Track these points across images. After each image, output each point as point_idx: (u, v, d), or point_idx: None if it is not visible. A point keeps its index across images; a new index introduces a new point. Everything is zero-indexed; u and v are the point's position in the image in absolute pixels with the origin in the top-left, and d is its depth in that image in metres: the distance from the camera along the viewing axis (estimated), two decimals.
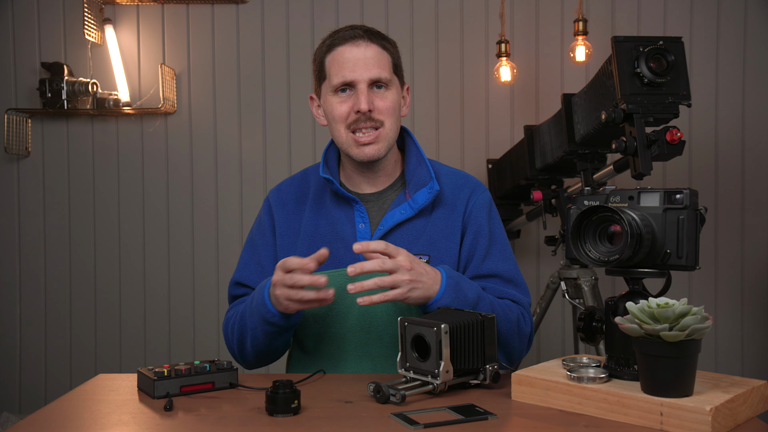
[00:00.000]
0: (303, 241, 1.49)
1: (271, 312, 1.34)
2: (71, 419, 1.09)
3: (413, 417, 1.04)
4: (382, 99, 1.44)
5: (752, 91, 2.80)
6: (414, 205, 1.46)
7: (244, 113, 2.93)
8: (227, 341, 1.52)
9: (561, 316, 2.83)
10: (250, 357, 1.47)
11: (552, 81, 2.85)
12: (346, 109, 1.44)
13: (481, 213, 1.50)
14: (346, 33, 1.45)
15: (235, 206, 2.93)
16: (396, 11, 2.88)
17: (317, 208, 1.51)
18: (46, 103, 2.82)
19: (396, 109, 1.47)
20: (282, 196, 1.56)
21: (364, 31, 1.45)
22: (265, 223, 1.54)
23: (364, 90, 1.42)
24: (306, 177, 1.58)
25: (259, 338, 1.40)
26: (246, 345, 1.44)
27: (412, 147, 1.54)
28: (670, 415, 0.97)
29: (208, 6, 2.92)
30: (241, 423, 1.05)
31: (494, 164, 2.74)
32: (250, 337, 1.42)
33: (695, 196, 1.10)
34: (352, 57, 1.42)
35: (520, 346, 1.43)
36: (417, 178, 1.49)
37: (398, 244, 1.43)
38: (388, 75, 1.45)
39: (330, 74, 1.46)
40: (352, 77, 1.42)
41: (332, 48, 1.46)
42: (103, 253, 2.94)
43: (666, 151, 1.59)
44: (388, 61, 1.46)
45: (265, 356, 1.46)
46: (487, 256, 1.47)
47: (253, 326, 1.39)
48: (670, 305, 0.98)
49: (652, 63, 1.57)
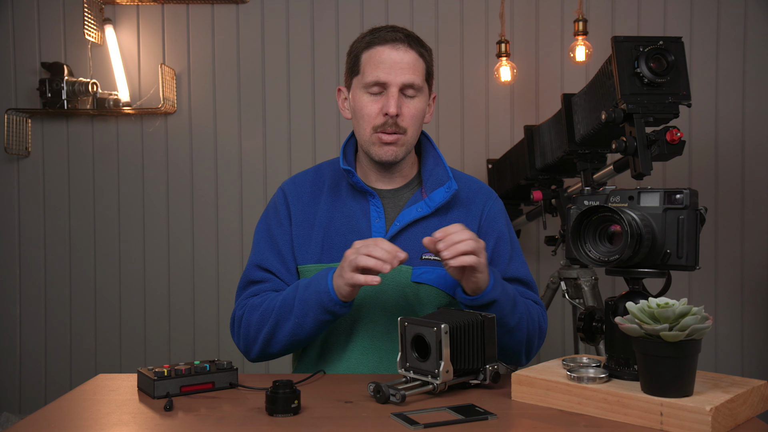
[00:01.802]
0: (318, 232, 1.49)
1: (334, 300, 1.33)
2: (71, 419, 1.09)
3: (413, 417, 1.04)
4: (409, 107, 1.45)
5: (752, 91, 2.80)
6: (431, 203, 1.48)
7: (244, 113, 2.93)
8: (244, 331, 1.46)
9: (561, 316, 2.83)
10: (277, 347, 1.43)
11: (552, 81, 2.85)
12: (376, 109, 1.45)
13: (500, 219, 1.54)
14: (387, 34, 1.46)
15: (235, 206, 2.93)
16: (396, 11, 2.88)
17: (333, 201, 1.52)
18: (46, 103, 2.82)
19: (420, 117, 1.48)
20: (297, 187, 1.56)
21: (405, 35, 1.46)
22: (282, 213, 1.54)
23: (395, 94, 1.43)
24: (320, 171, 1.59)
25: (307, 326, 1.38)
26: (280, 333, 1.41)
27: (429, 149, 1.56)
28: (670, 415, 0.97)
29: (208, 6, 2.92)
30: (241, 423, 1.05)
31: (494, 164, 2.74)
32: (292, 325, 1.38)
33: (695, 196, 1.10)
34: (389, 59, 1.43)
35: (539, 343, 1.48)
36: (434, 178, 1.51)
37: (413, 240, 1.46)
38: (420, 82, 1.46)
39: (364, 71, 1.46)
40: (386, 79, 1.43)
41: (371, 45, 1.46)
42: (103, 253, 2.94)
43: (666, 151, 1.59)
44: (422, 69, 1.47)
45: (295, 346, 1.44)
46: (510, 261, 1.51)
47: (303, 313, 1.37)
48: (670, 305, 0.98)
49: (652, 63, 1.57)
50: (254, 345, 1.46)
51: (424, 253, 1.46)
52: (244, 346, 1.49)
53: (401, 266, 1.45)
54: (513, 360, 1.47)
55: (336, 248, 1.48)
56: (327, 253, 1.48)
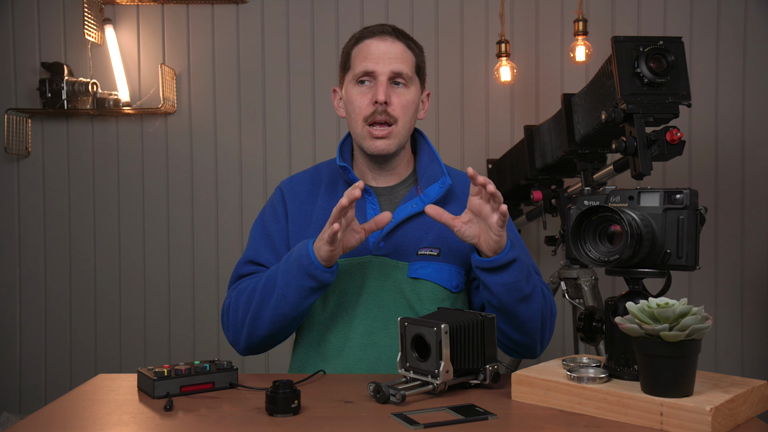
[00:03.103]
0: (314, 229, 1.50)
1: (314, 264, 1.32)
2: (71, 419, 1.09)
3: (413, 417, 1.04)
4: (399, 96, 1.47)
5: (752, 91, 2.80)
6: (425, 198, 1.48)
7: (244, 113, 2.93)
8: (232, 318, 1.46)
9: (561, 316, 2.83)
10: (263, 327, 1.41)
11: (552, 81, 2.85)
12: (366, 100, 1.46)
13: None
14: (375, 28, 1.49)
15: (235, 206, 2.93)
16: (396, 11, 2.88)
17: (330, 198, 1.53)
18: (46, 103, 2.82)
19: (411, 108, 1.49)
20: (295, 186, 1.58)
21: (393, 29, 1.49)
22: (279, 210, 1.55)
23: (384, 82, 1.45)
24: (318, 171, 1.61)
25: (291, 297, 1.36)
26: (265, 309, 1.39)
27: (424, 146, 1.57)
28: (670, 415, 0.97)
29: (208, 6, 2.92)
30: (241, 423, 1.05)
31: (494, 164, 2.74)
32: (274, 301, 1.37)
33: (695, 196, 1.10)
34: (377, 50, 1.46)
35: (551, 327, 1.46)
36: (429, 174, 1.51)
37: (408, 236, 1.47)
38: (409, 72, 1.47)
39: (353, 64, 1.49)
40: (374, 68, 1.45)
41: (360, 40, 1.50)
42: (103, 253, 2.94)
43: (666, 151, 1.59)
44: (411, 60, 1.49)
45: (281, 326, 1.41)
46: None
47: (285, 283, 1.36)
48: (670, 305, 0.98)
49: (652, 63, 1.57)
50: (242, 330, 1.44)
51: (420, 248, 1.46)
52: (233, 335, 1.47)
53: (397, 262, 1.46)
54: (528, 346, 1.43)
55: None
56: None
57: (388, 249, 1.46)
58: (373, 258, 1.46)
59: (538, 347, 1.44)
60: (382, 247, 1.46)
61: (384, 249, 1.46)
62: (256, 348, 1.48)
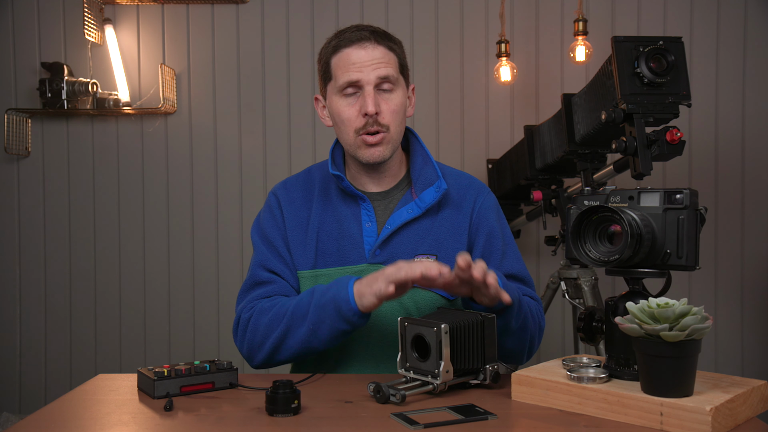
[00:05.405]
0: (311, 238, 1.48)
1: (353, 309, 1.28)
2: (71, 419, 1.09)
3: (413, 417, 1.04)
4: (387, 102, 1.43)
5: (752, 91, 2.80)
6: (421, 204, 1.46)
7: (244, 113, 2.93)
8: (249, 336, 1.41)
9: (561, 316, 2.83)
10: (286, 354, 1.38)
11: (552, 81, 2.85)
12: (355, 112, 1.43)
13: (491, 215, 1.51)
14: (352, 35, 1.43)
15: (235, 206, 2.93)
16: (396, 11, 2.88)
17: (324, 205, 1.51)
18: (46, 103, 2.82)
19: (401, 112, 1.46)
20: (289, 192, 1.55)
21: (370, 32, 1.44)
22: (277, 216, 1.52)
23: (371, 92, 1.41)
24: (310, 175, 1.58)
25: (322, 334, 1.33)
26: (291, 339, 1.36)
27: (417, 147, 1.54)
28: (670, 415, 0.97)
29: (208, 6, 2.92)
30: (241, 423, 1.05)
31: (494, 164, 2.74)
32: (306, 332, 1.34)
33: (695, 196, 1.10)
34: (359, 59, 1.41)
35: (539, 339, 1.48)
36: (424, 178, 1.49)
37: (405, 243, 1.45)
38: (395, 74, 1.44)
39: (336, 75, 1.45)
40: (358, 77, 1.41)
41: (338, 49, 1.44)
42: (103, 253, 2.94)
43: (666, 151, 1.59)
44: (395, 61, 1.45)
45: (305, 356, 1.39)
46: (503, 257, 1.49)
47: (318, 319, 1.32)
48: (670, 305, 0.98)
49: (652, 63, 1.57)
50: (260, 351, 1.40)
51: (416, 255, 1.44)
52: (247, 351, 1.43)
53: None
54: (514, 359, 1.45)
55: (328, 253, 1.47)
56: (321, 258, 1.47)
57: (385, 257, 1.44)
58: (370, 267, 1.44)
59: (524, 358, 1.46)
60: (379, 255, 1.45)
61: (380, 257, 1.45)
62: (271, 366, 1.45)
